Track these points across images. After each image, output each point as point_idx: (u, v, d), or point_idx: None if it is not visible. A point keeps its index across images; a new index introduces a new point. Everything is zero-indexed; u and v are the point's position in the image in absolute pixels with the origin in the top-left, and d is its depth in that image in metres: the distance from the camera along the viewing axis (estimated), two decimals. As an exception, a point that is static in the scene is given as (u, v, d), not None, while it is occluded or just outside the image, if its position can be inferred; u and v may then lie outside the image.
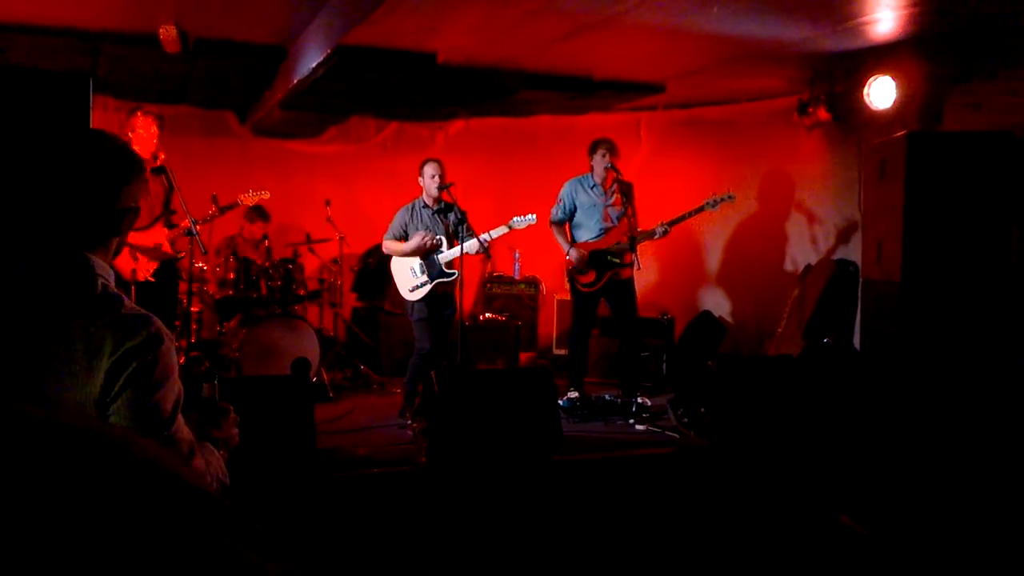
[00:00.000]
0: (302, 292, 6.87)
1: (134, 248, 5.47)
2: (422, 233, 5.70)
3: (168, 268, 5.74)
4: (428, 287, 5.73)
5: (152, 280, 5.54)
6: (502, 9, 4.83)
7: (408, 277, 5.78)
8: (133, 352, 1.58)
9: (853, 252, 6.79)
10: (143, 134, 5.49)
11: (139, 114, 5.57)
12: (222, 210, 6.04)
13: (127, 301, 1.67)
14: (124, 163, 1.72)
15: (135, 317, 1.63)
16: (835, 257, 7.07)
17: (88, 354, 1.57)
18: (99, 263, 1.68)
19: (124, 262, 5.43)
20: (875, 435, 5.06)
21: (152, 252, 5.55)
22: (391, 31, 5.08)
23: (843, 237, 7.05)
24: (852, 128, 6.58)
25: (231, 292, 6.55)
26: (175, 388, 1.66)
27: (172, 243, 5.65)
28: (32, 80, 3.56)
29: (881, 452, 4.91)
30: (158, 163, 5.54)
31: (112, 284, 1.71)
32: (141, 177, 1.76)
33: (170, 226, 5.65)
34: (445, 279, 5.75)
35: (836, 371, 6.05)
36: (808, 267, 7.30)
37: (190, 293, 6.33)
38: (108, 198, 1.69)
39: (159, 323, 1.66)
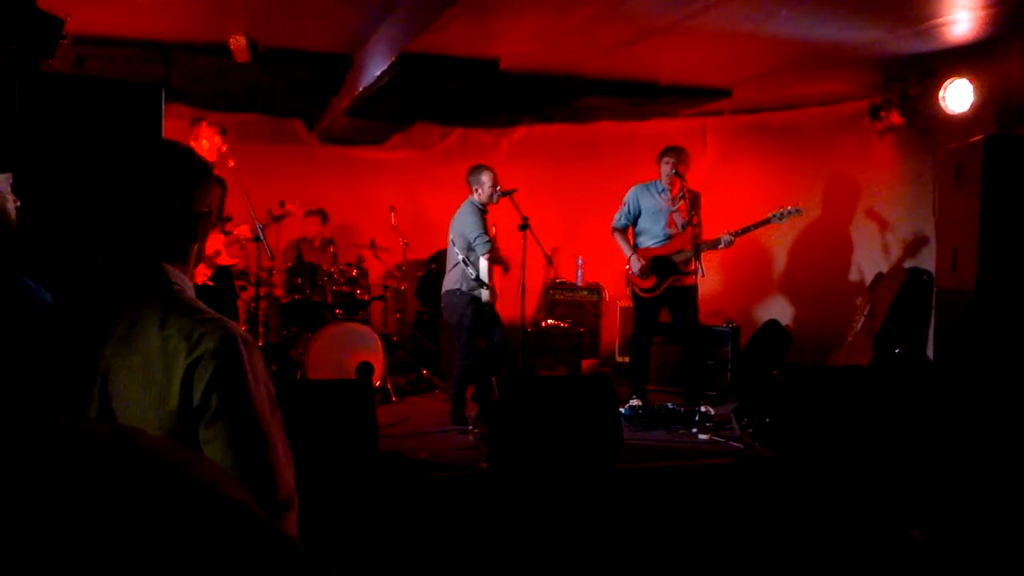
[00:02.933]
0: (367, 297, 6.95)
1: None
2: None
3: (224, 273, 5.83)
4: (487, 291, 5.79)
5: (211, 284, 5.63)
6: (564, 16, 4.83)
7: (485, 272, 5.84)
8: (209, 357, 1.51)
9: (927, 261, 6.59)
10: (207, 144, 5.61)
11: (203, 124, 5.69)
12: (275, 219, 6.19)
13: (205, 308, 1.62)
14: (193, 168, 1.70)
15: (210, 321, 1.57)
16: (908, 266, 6.87)
17: (164, 361, 1.51)
18: (174, 271, 1.65)
19: None
20: (949, 449, 4.90)
21: (208, 260, 5.66)
22: (453, 39, 5.11)
23: (916, 245, 6.85)
24: (927, 133, 6.40)
25: (298, 296, 6.67)
26: (261, 394, 1.57)
27: (227, 249, 5.77)
28: (107, 90, 3.67)
29: (955, 467, 4.75)
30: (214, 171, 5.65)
31: (189, 292, 1.67)
32: (211, 181, 1.73)
33: (225, 233, 5.77)
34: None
35: (908, 382, 5.88)
36: (879, 276, 7.11)
37: (258, 297, 6.46)
38: (180, 204, 1.66)
39: (236, 328, 1.59)
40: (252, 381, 1.55)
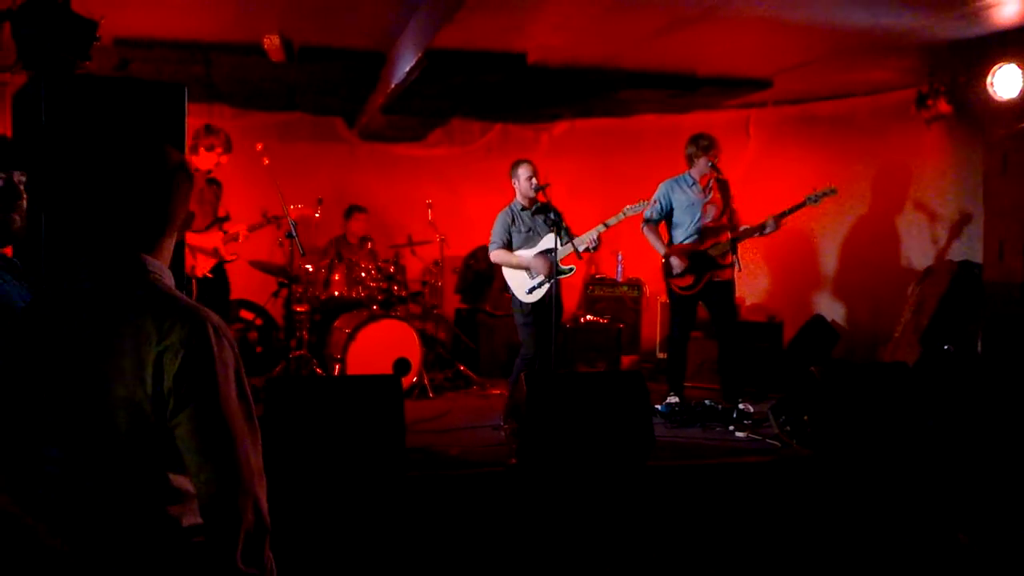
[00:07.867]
0: (404, 293, 6.98)
1: (193, 248, 5.82)
2: (542, 264, 5.56)
3: (220, 268, 6.11)
4: (547, 285, 5.61)
5: (210, 276, 5.96)
6: (587, 4, 4.75)
7: (524, 279, 5.68)
8: (178, 345, 1.58)
9: (978, 253, 6.36)
10: (205, 152, 5.86)
11: (201, 149, 5.89)
12: (269, 220, 6.40)
13: (181, 296, 1.69)
14: (167, 165, 1.78)
15: (181, 310, 1.63)
16: (959, 259, 6.64)
17: (137, 348, 1.58)
18: (152, 261, 1.72)
19: (183, 259, 5.76)
20: (998, 449, 4.72)
21: (210, 253, 5.96)
22: (477, 32, 5.08)
23: (967, 237, 6.62)
24: (975, 121, 6.17)
25: (336, 293, 6.72)
26: (229, 383, 1.64)
27: (225, 247, 6.06)
28: (134, 90, 3.71)
29: (1004, 467, 4.58)
30: (212, 175, 6.00)
31: (167, 281, 1.73)
32: (185, 178, 1.81)
33: (223, 231, 6.05)
34: (564, 275, 5.65)
35: (956, 379, 5.68)
36: (929, 269, 6.89)
37: (291, 296, 6.55)
38: (156, 198, 1.75)
39: (214, 317, 1.65)
40: (220, 370, 1.62)
